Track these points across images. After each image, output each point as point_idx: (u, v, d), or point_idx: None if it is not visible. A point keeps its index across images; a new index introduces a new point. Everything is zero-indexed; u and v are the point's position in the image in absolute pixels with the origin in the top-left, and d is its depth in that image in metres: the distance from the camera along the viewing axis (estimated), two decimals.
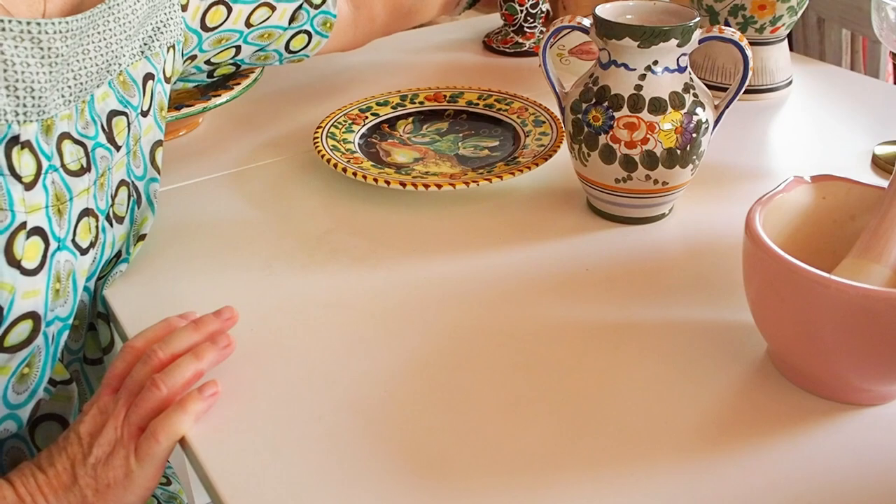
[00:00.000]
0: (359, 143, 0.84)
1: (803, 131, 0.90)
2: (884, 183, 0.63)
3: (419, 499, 0.48)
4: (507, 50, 1.11)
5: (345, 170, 0.77)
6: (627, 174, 0.68)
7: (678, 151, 0.67)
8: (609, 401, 0.54)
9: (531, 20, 1.10)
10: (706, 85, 0.73)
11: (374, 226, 0.74)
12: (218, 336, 0.58)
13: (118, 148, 0.63)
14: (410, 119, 0.89)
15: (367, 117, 0.88)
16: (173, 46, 0.71)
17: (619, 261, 0.68)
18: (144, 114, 0.67)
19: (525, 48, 1.10)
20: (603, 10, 0.69)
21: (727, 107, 0.70)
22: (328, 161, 0.78)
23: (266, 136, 0.90)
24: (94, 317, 0.66)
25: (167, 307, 0.63)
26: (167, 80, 0.71)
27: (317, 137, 0.83)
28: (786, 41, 0.95)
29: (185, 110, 0.82)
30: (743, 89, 0.69)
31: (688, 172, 0.69)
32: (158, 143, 0.69)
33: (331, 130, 0.84)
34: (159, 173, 0.70)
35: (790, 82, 0.97)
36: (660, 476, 0.49)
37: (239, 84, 0.87)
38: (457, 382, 0.56)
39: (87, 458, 0.52)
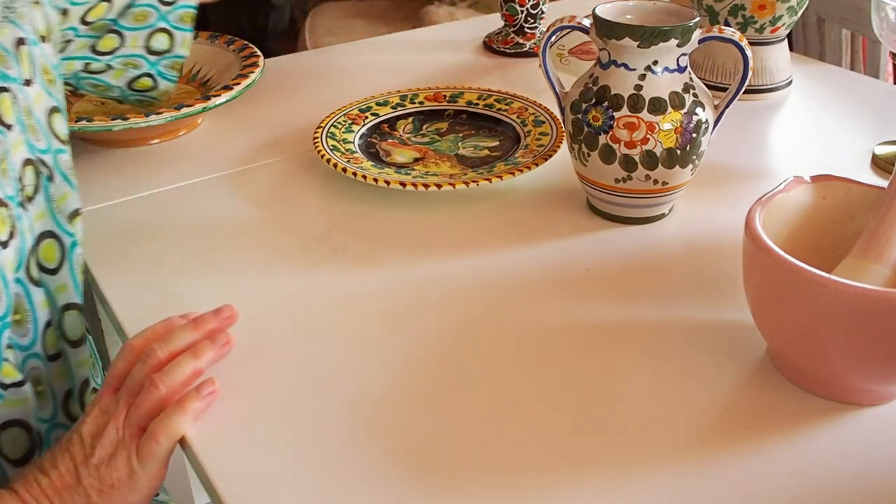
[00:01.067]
0: (359, 143, 0.84)
1: (803, 131, 0.90)
2: (884, 183, 0.63)
3: (419, 499, 0.48)
4: (508, 50, 1.11)
5: (345, 170, 0.77)
6: (627, 174, 0.68)
7: (678, 151, 0.67)
8: (609, 401, 0.54)
9: (532, 21, 1.10)
10: (706, 85, 0.73)
11: (374, 226, 0.74)
12: (217, 334, 0.58)
13: (9, 127, 0.59)
14: (410, 119, 0.89)
15: (367, 117, 0.88)
16: (37, 1, 0.65)
17: (619, 261, 0.68)
18: (28, 83, 0.61)
19: (525, 49, 1.10)
20: (603, 10, 0.69)
21: (727, 107, 0.70)
22: (328, 161, 0.78)
23: (266, 136, 0.90)
24: (59, 310, 0.63)
25: (167, 307, 0.63)
26: (44, 40, 0.64)
27: (317, 137, 0.83)
28: (786, 41, 0.95)
29: (185, 110, 0.82)
30: (743, 89, 0.69)
31: (688, 172, 0.69)
32: (55, 110, 0.64)
33: (331, 130, 0.84)
34: (64, 143, 0.65)
35: (790, 82, 0.97)
36: (659, 476, 0.49)
37: (239, 84, 0.87)
38: (457, 382, 0.56)
39: (89, 459, 0.52)
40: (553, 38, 0.71)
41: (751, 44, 0.79)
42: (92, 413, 0.54)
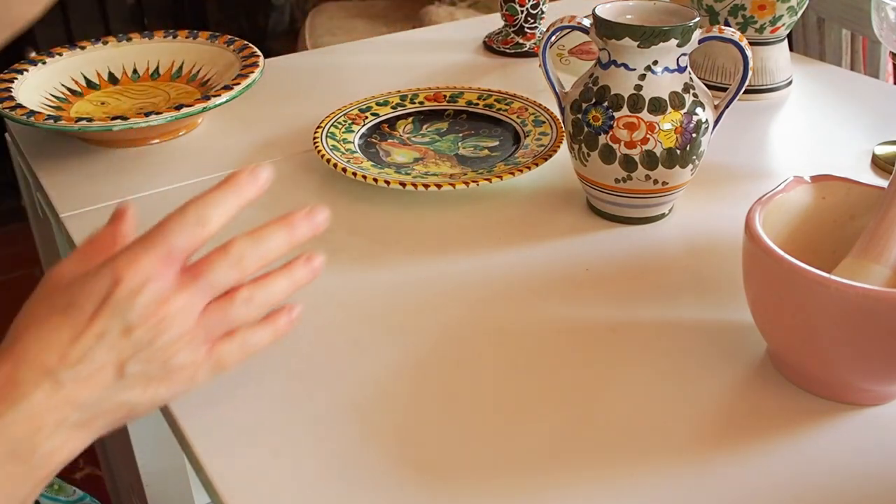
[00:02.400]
0: (359, 143, 0.84)
1: (803, 131, 0.90)
2: (884, 183, 0.63)
3: (419, 498, 0.48)
4: (508, 50, 1.11)
5: (345, 170, 0.77)
6: (627, 174, 0.68)
7: (678, 151, 0.67)
8: (609, 401, 0.54)
9: (532, 21, 1.10)
10: (706, 85, 0.73)
11: (374, 226, 0.74)
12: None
13: None
14: (410, 119, 0.89)
15: (367, 117, 0.88)
16: None
17: (619, 261, 0.68)
18: None
19: (525, 49, 1.10)
20: (603, 10, 0.69)
21: (727, 107, 0.70)
22: (328, 161, 0.78)
23: (266, 136, 0.90)
24: None
25: None
26: None
27: (317, 137, 0.83)
28: (786, 41, 0.95)
29: (184, 110, 0.82)
30: (743, 89, 0.69)
31: (688, 172, 0.69)
32: None
33: (331, 130, 0.84)
34: None
35: (790, 82, 0.97)
36: (659, 476, 0.49)
37: (239, 84, 0.87)
38: (456, 382, 0.56)
39: (140, 352, 0.45)
40: (553, 38, 0.71)
41: (751, 44, 0.79)
42: (144, 291, 0.44)
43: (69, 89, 0.94)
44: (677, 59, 0.67)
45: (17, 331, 0.45)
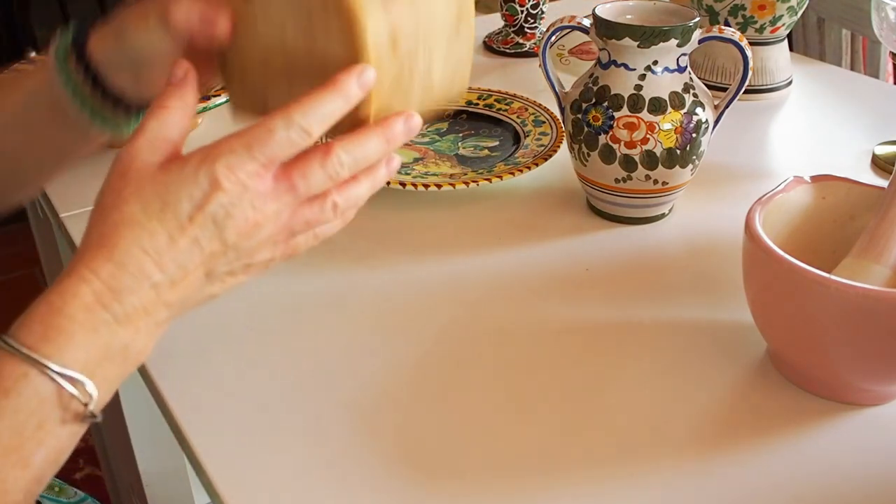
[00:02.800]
0: None
1: (803, 131, 0.90)
2: (884, 183, 0.63)
3: (419, 498, 0.48)
4: (508, 50, 1.11)
5: None
6: (627, 174, 0.68)
7: (678, 151, 0.67)
8: (609, 401, 0.54)
9: (532, 21, 1.10)
10: (706, 85, 0.73)
11: (374, 226, 0.74)
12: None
13: None
14: None
15: None
16: None
17: (619, 261, 0.68)
18: None
19: (525, 49, 1.10)
20: (603, 10, 0.69)
21: (727, 107, 0.70)
22: None
23: None
24: None
25: None
26: None
27: None
28: (786, 41, 0.95)
29: None
30: (743, 89, 0.69)
31: (688, 172, 0.69)
32: None
33: None
34: None
35: (790, 82, 0.97)
36: (659, 476, 0.49)
37: None
38: (456, 382, 0.56)
39: (223, 256, 0.46)
40: (553, 38, 0.71)
41: (751, 44, 0.79)
42: (241, 202, 0.44)
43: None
44: (677, 59, 0.67)
45: (109, 225, 0.45)
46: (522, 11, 1.10)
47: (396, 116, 0.48)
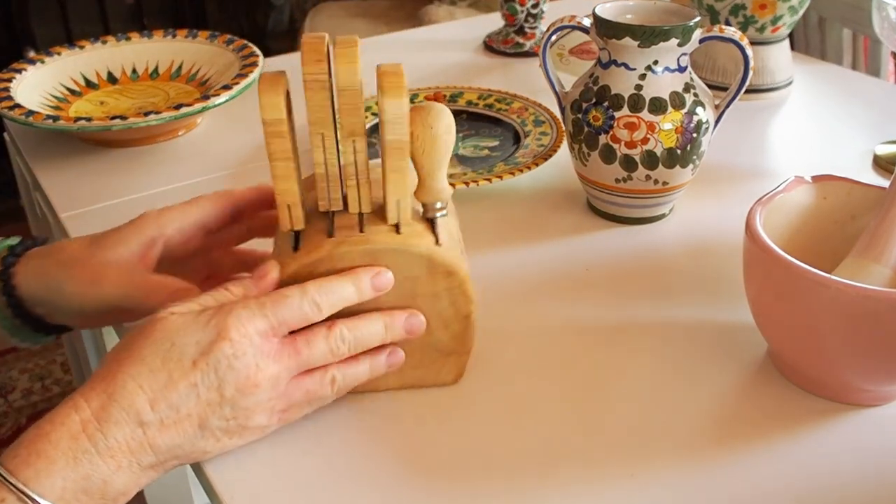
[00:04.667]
0: None
1: (804, 131, 0.90)
2: (885, 183, 0.63)
3: (418, 498, 0.48)
4: (508, 50, 1.10)
5: None
6: (627, 174, 0.68)
7: (678, 151, 0.67)
8: (609, 401, 0.54)
9: (532, 20, 1.10)
10: (706, 85, 0.73)
11: None
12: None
13: None
14: None
15: (367, 117, 0.88)
16: None
17: (619, 261, 0.68)
18: None
19: (525, 48, 1.10)
20: (603, 10, 0.68)
21: (727, 107, 0.70)
22: None
23: None
24: None
25: None
26: None
27: None
28: (787, 41, 0.95)
29: (184, 110, 0.82)
30: (744, 89, 0.69)
31: (688, 172, 0.69)
32: None
33: None
34: None
35: (791, 82, 0.97)
36: (659, 476, 0.49)
37: (238, 84, 0.87)
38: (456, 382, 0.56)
39: (220, 409, 0.46)
40: (553, 37, 0.71)
41: (752, 43, 0.79)
42: (243, 357, 0.46)
43: (68, 89, 0.94)
44: (678, 59, 0.67)
45: (115, 362, 0.46)
46: (523, 11, 1.09)
47: (401, 311, 0.51)
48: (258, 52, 0.95)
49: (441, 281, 0.51)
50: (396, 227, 0.51)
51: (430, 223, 0.52)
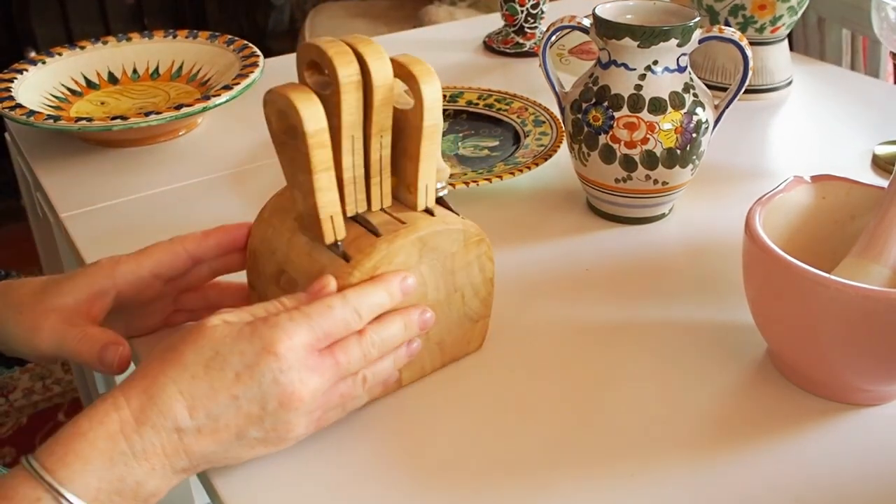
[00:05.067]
0: None
1: (803, 131, 0.90)
2: (884, 183, 0.63)
3: (418, 498, 0.48)
4: (508, 50, 1.11)
5: None
6: (627, 174, 0.68)
7: (678, 151, 0.67)
8: (609, 401, 0.54)
9: (532, 21, 1.10)
10: (706, 85, 0.73)
11: None
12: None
13: None
14: None
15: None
16: None
17: (619, 261, 0.68)
18: None
19: (525, 48, 1.10)
20: (603, 10, 0.69)
21: (727, 107, 0.70)
22: None
23: (266, 136, 0.89)
24: None
25: None
26: None
27: None
28: (786, 41, 0.95)
29: (184, 110, 0.82)
30: (743, 89, 0.69)
31: (688, 172, 0.69)
32: None
33: None
34: None
35: (790, 82, 0.97)
36: (659, 476, 0.49)
37: (238, 84, 0.87)
38: (456, 382, 0.56)
39: (260, 422, 0.46)
40: (553, 37, 0.71)
41: (751, 44, 0.79)
42: (288, 372, 0.45)
43: (69, 89, 0.94)
44: (677, 59, 0.67)
45: (159, 362, 0.46)
46: (522, 11, 1.09)
47: (414, 308, 0.51)
48: (258, 52, 0.95)
49: (473, 250, 0.54)
50: (428, 211, 0.53)
51: (440, 201, 0.54)
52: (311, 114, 0.47)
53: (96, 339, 0.53)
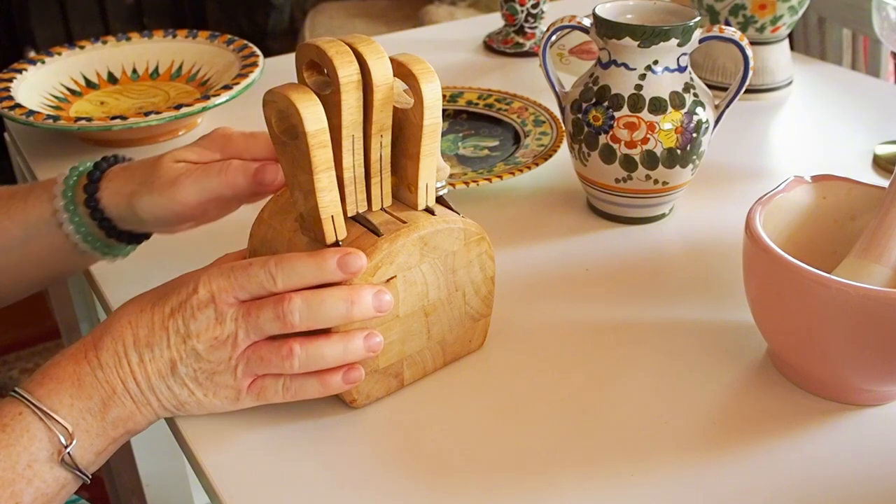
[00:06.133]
0: None
1: (804, 131, 0.90)
2: (884, 183, 0.63)
3: (419, 499, 0.48)
4: (508, 50, 1.10)
5: None
6: (627, 174, 0.68)
7: (678, 151, 0.67)
8: (609, 401, 0.54)
9: (532, 20, 1.10)
10: (706, 84, 0.73)
11: None
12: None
13: None
14: None
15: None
16: None
17: (619, 261, 0.68)
18: None
19: (525, 48, 1.10)
20: (603, 10, 0.68)
21: (727, 106, 0.70)
22: None
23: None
24: None
25: None
26: None
27: None
28: (786, 41, 0.95)
29: (184, 110, 0.82)
30: (743, 89, 0.69)
31: (688, 172, 0.69)
32: None
33: None
34: None
35: (790, 82, 0.97)
36: (660, 476, 0.49)
37: (238, 84, 0.87)
38: (456, 382, 0.56)
39: (186, 358, 0.50)
40: (553, 37, 0.71)
41: (751, 43, 0.79)
42: (204, 312, 0.49)
43: (68, 89, 0.94)
44: (678, 59, 0.67)
45: (123, 305, 0.52)
46: (523, 11, 1.09)
47: (359, 331, 0.50)
48: (258, 52, 0.95)
49: (474, 248, 0.54)
50: (429, 210, 0.53)
51: (440, 200, 0.54)
52: (312, 114, 0.47)
53: (244, 165, 0.57)
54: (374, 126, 0.49)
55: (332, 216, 0.50)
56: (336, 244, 0.51)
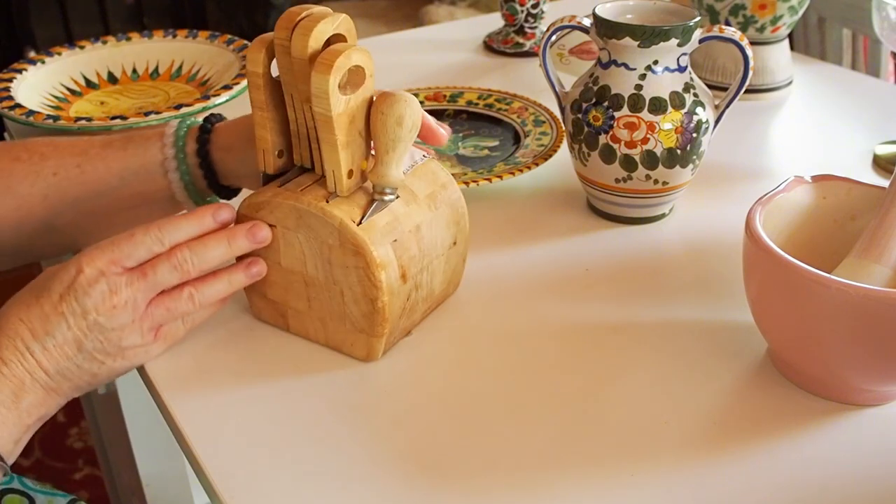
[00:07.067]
0: None
1: (804, 131, 0.90)
2: (884, 183, 0.63)
3: (419, 499, 0.48)
4: (508, 50, 1.10)
5: None
6: (627, 174, 0.68)
7: (678, 151, 0.67)
8: (609, 401, 0.54)
9: (532, 20, 1.10)
10: (706, 84, 0.73)
11: None
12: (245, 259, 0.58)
13: None
14: None
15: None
16: None
17: (619, 261, 0.68)
18: None
19: (525, 48, 1.10)
20: (603, 10, 0.68)
21: (727, 106, 0.70)
22: None
23: None
24: None
25: None
26: None
27: None
28: (786, 41, 0.95)
29: (184, 110, 0.82)
30: (743, 89, 0.69)
31: (688, 172, 0.69)
32: None
33: None
34: None
35: (790, 82, 0.97)
36: (660, 476, 0.49)
37: (238, 83, 0.87)
38: (456, 382, 0.56)
39: (90, 333, 0.53)
40: (553, 37, 0.71)
41: (751, 43, 0.79)
42: (97, 286, 0.53)
43: (68, 89, 0.94)
44: (678, 59, 0.67)
45: (5, 308, 0.54)
46: (523, 11, 1.09)
47: (242, 226, 0.56)
48: None
49: (350, 257, 0.54)
50: (329, 195, 0.55)
51: (370, 203, 0.55)
52: (252, 58, 0.55)
53: None
54: (302, 95, 0.54)
55: (263, 150, 0.57)
56: (263, 175, 0.58)
